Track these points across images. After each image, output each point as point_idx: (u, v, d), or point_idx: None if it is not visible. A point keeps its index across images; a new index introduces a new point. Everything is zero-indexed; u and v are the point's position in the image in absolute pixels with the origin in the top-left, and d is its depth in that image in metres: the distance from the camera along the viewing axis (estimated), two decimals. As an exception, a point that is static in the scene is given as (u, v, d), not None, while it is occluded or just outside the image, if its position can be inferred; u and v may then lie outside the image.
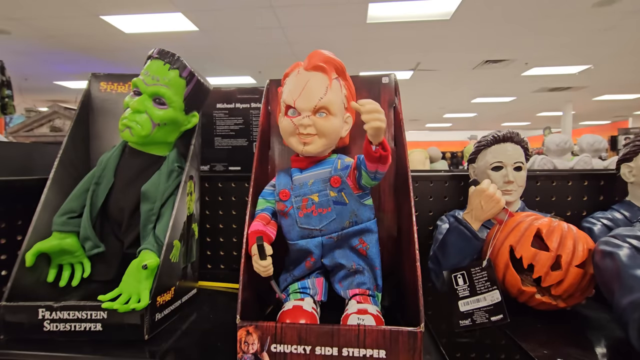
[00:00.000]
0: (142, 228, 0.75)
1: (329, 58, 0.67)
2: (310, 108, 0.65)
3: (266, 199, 0.71)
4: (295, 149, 0.69)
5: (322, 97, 0.65)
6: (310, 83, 0.65)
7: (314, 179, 0.68)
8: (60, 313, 0.64)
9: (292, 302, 0.66)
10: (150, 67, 0.74)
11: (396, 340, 0.55)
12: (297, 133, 0.66)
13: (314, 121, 0.65)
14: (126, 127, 0.72)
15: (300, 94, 0.65)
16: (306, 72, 0.67)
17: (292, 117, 0.67)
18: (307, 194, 0.67)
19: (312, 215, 0.67)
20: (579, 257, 0.69)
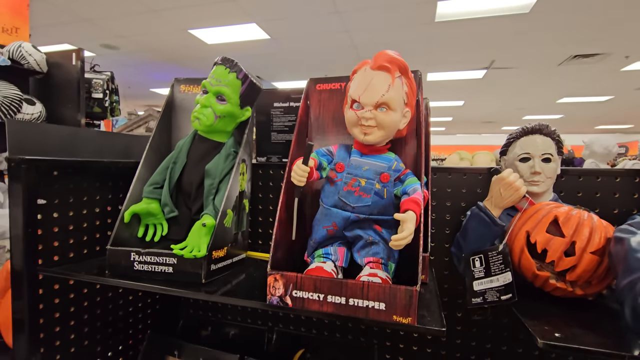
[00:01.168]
0: (205, 199, 0.94)
1: (393, 58, 0.75)
2: (372, 103, 0.74)
3: (318, 155, 0.82)
4: (356, 137, 0.80)
5: (384, 94, 0.74)
6: (374, 81, 0.74)
7: (370, 167, 0.79)
8: (145, 257, 0.85)
9: (315, 264, 0.78)
10: (215, 72, 0.93)
11: (394, 295, 0.64)
12: (359, 124, 0.77)
13: (375, 115, 0.75)
14: (196, 119, 0.92)
15: (365, 90, 0.74)
16: (372, 70, 0.76)
17: (356, 110, 0.77)
18: (357, 176, 0.78)
19: (354, 194, 0.77)
20: (595, 244, 0.70)
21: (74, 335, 1.04)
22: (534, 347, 1.03)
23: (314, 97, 0.95)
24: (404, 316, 0.64)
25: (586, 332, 0.64)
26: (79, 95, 1.67)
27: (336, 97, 0.94)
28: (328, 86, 0.94)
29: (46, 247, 0.94)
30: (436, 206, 1.10)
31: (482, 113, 10.42)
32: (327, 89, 0.94)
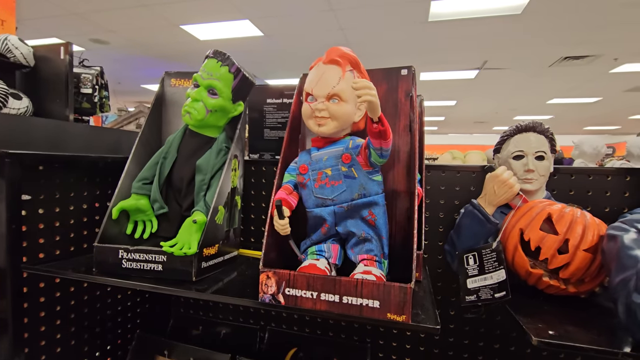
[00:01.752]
0: (196, 195, 0.92)
1: (343, 53, 0.77)
2: (324, 95, 0.76)
3: (290, 173, 0.84)
4: (311, 129, 0.80)
5: (335, 85, 0.75)
6: (326, 74, 0.77)
7: (328, 155, 0.79)
8: (134, 254, 0.83)
9: (309, 261, 0.77)
10: (206, 65, 0.91)
11: (389, 293, 0.63)
12: (313, 116, 0.78)
13: (327, 106, 0.76)
14: (186, 113, 0.90)
15: (317, 83, 0.77)
16: (324, 65, 0.78)
17: (310, 103, 0.78)
18: (321, 168, 0.79)
19: (326, 187, 0.78)
20: (588, 241, 0.70)
21: (60, 334, 1.01)
22: (527, 345, 1.03)
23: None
24: (398, 314, 0.63)
25: (580, 329, 0.64)
26: (67, 90, 1.62)
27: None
28: (322, 81, 0.93)
29: (31, 244, 0.91)
30: (430, 204, 1.09)
31: (474, 113, 10.50)
32: (321, 84, 0.93)
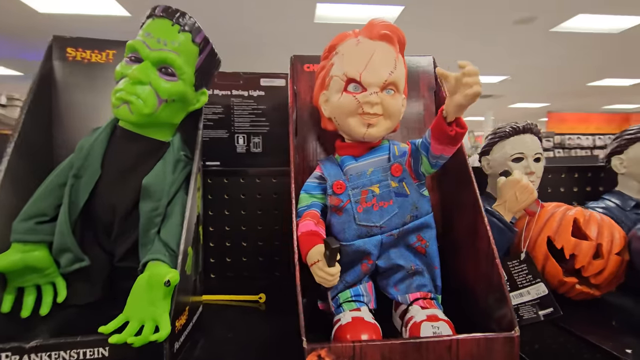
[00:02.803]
0: (143, 232, 0.58)
1: (395, 28, 0.58)
2: (379, 83, 0.56)
3: (310, 193, 0.60)
4: (354, 131, 0.58)
5: (393, 71, 0.56)
6: (378, 54, 0.56)
7: (373, 167, 0.59)
8: (35, 356, 0.45)
9: (348, 314, 0.55)
10: (153, 28, 0.58)
11: (491, 349, 0.48)
12: (360, 112, 0.56)
13: (382, 99, 0.56)
14: (123, 102, 0.55)
15: (367, 66, 0.55)
16: (371, 41, 0.58)
17: (354, 93, 0.56)
18: (366, 185, 0.58)
19: (373, 210, 0.57)
20: (618, 245, 0.70)
21: None
22: None
23: (303, 82, 0.70)
24: (503, 375, 0.48)
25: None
26: None
27: (334, 82, 0.71)
28: (322, 67, 0.71)
29: None
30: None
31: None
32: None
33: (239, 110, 1.10)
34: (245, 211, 0.95)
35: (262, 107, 1.11)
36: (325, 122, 0.63)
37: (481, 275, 0.56)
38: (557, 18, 3.87)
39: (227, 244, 0.95)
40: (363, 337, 0.51)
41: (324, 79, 0.61)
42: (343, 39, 0.60)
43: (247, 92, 1.11)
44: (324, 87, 0.61)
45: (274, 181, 0.96)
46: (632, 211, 0.94)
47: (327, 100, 0.61)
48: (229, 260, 0.95)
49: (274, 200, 0.96)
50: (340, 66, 0.57)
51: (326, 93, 0.61)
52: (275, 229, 0.96)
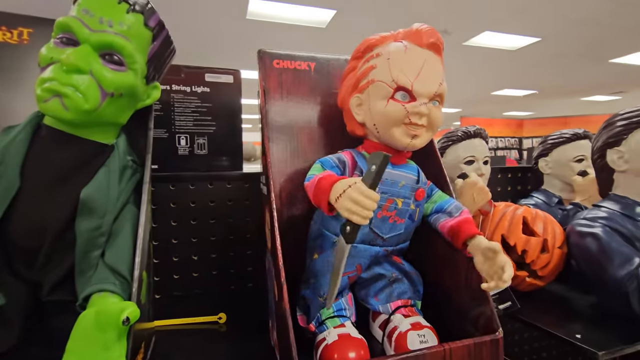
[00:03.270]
0: (81, 257, 0.47)
1: (439, 36, 0.55)
2: (429, 94, 0.53)
3: (325, 167, 0.54)
4: (397, 140, 0.54)
5: (442, 82, 0.54)
6: (429, 63, 0.53)
7: (406, 181, 0.57)
8: None
9: (333, 331, 0.51)
10: (92, 4, 0.47)
11: (480, 352, 0.49)
12: (406, 123, 0.53)
13: (430, 110, 0.53)
14: (54, 95, 0.43)
15: (419, 75, 0.52)
16: (419, 49, 0.54)
17: (404, 102, 0.53)
18: (394, 195, 0.55)
19: (388, 221, 0.56)
20: (559, 239, 0.78)
21: None
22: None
23: (272, 79, 0.64)
24: (491, 375, 0.49)
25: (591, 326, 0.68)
26: None
27: (305, 82, 0.66)
28: (292, 64, 0.65)
29: None
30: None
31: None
32: (291, 68, 0.65)
33: (181, 107, 0.99)
34: (195, 221, 0.85)
35: (208, 105, 1.00)
36: (355, 126, 0.58)
37: (460, 278, 0.57)
38: (468, 33, 4.30)
39: (174, 258, 0.84)
40: (351, 355, 0.48)
41: (359, 80, 0.56)
42: (383, 41, 0.57)
43: (190, 87, 1.00)
44: (356, 90, 0.57)
45: (229, 187, 0.87)
46: (556, 207, 1.06)
47: (362, 105, 0.56)
48: (177, 277, 0.84)
49: (228, 208, 0.88)
50: (387, 71, 0.53)
51: (361, 97, 0.56)
52: (230, 239, 0.88)
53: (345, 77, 0.60)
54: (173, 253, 0.84)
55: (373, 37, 0.57)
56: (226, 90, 1.01)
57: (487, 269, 0.49)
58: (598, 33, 4.15)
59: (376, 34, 0.57)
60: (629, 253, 0.67)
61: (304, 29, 4.41)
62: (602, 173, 0.80)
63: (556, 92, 7.27)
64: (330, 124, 0.67)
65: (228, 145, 0.99)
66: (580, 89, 7.00)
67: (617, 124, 0.77)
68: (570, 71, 5.75)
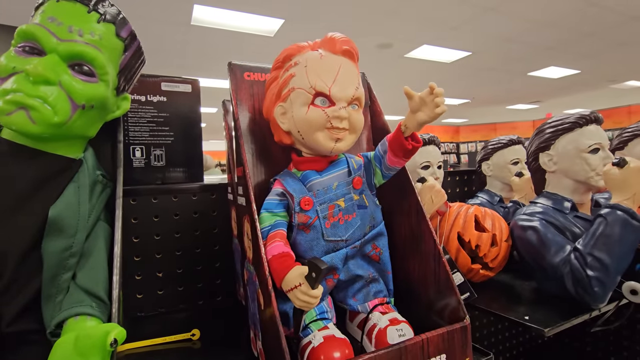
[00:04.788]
0: (48, 281, 0.44)
1: (353, 43, 0.58)
2: (347, 98, 0.55)
3: (273, 212, 0.55)
4: (321, 145, 0.56)
5: (358, 86, 0.56)
6: (344, 69, 0.56)
7: (337, 181, 0.58)
8: None
9: (318, 334, 0.53)
10: (59, 12, 0.44)
11: (452, 339, 0.54)
12: (328, 127, 0.55)
13: (349, 113, 0.55)
14: (19, 107, 0.40)
15: (335, 81, 0.54)
16: (334, 55, 0.57)
17: (323, 107, 0.54)
18: (333, 200, 0.57)
19: (339, 224, 0.57)
20: (505, 233, 0.87)
21: None
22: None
23: (244, 91, 0.64)
24: (462, 359, 0.54)
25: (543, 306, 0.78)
26: None
27: (276, 93, 0.68)
28: (262, 76, 0.67)
29: None
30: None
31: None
32: (262, 80, 0.66)
33: (135, 117, 0.94)
34: (159, 235, 0.82)
35: (164, 115, 0.97)
36: (281, 135, 0.59)
37: (429, 273, 0.62)
38: (409, 46, 4.60)
39: (137, 277, 0.80)
40: (336, 354, 0.50)
41: (281, 89, 0.57)
42: (300, 50, 0.58)
43: (145, 96, 0.96)
44: (280, 99, 0.57)
45: (194, 199, 0.85)
46: (498, 205, 1.18)
47: (286, 113, 0.57)
48: (140, 297, 0.80)
49: (194, 220, 0.85)
50: (305, 79, 0.55)
51: (284, 105, 0.57)
52: (196, 252, 0.86)
53: (268, 87, 0.61)
54: (135, 271, 0.80)
55: (291, 47, 0.59)
56: (184, 99, 0.99)
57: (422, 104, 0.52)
58: (518, 49, 4.67)
59: (294, 44, 0.59)
60: (562, 242, 0.77)
61: (252, 37, 4.39)
62: (537, 174, 0.92)
63: (486, 101, 8.01)
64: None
65: (188, 156, 0.96)
66: (505, 98, 7.78)
67: (546, 131, 0.87)
68: (497, 82, 6.38)
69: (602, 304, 0.73)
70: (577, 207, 0.86)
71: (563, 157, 0.84)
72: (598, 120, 0.84)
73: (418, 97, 0.52)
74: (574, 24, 3.93)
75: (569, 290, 0.74)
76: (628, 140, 1.13)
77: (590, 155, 0.81)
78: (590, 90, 7.14)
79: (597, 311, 0.74)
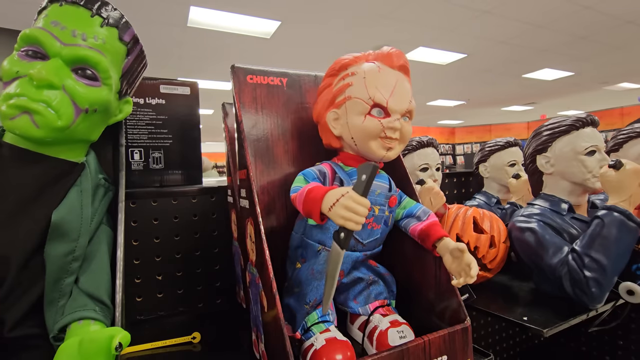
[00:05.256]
0: (51, 285, 0.44)
1: (407, 60, 0.61)
2: (402, 110, 0.58)
3: (307, 179, 0.56)
4: (374, 153, 0.58)
5: (411, 100, 0.59)
6: (400, 83, 0.58)
7: (380, 190, 0.61)
8: None
9: (320, 337, 0.54)
10: (63, 16, 0.44)
11: (453, 340, 0.54)
12: (384, 136, 0.57)
13: (402, 125, 0.58)
14: (23, 112, 0.40)
15: (392, 94, 0.57)
16: (392, 70, 0.59)
17: (379, 118, 0.57)
18: (372, 204, 0.58)
19: (366, 228, 0.60)
20: (503, 235, 0.88)
21: None
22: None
23: (247, 94, 0.65)
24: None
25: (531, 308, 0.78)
26: None
27: (278, 97, 0.68)
28: (265, 79, 0.67)
29: None
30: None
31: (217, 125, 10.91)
32: (264, 83, 0.67)
33: (134, 120, 0.94)
34: (158, 238, 0.82)
35: (163, 117, 0.97)
36: (331, 139, 0.62)
37: (429, 275, 0.63)
38: (405, 48, 4.62)
39: (136, 280, 0.80)
40: (339, 357, 0.51)
41: (335, 97, 0.60)
42: (357, 61, 0.61)
43: (144, 99, 0.96)
44: (333, 105, 0.60)
45: (194, 201, 0.85)
46: (496, 206, 1.19)
47: (339, 119, 0.60)
48: (140, 300, 0.80)
49: (193, 223, 0.85)
50: (364, 89, 0.57)
51: (338, 112, 0.60)
52: (196, 255, 0.86)
53: (320, 93, 0.63)
54: (135, 274, 0.80)
55: (347, 57, 0.62)
56: (183, 102, 0.99)
57: (455, 267, 0.55)
58: (513, 51, 4.71)
59: (349, 54, 0.62)
60: (560, 243, 0.78)
61: (248, 38, 4.39)
62: (534, 176, 0.93)
63: (481, 103, 8.06)
64: (303, 136, 0.69)
65: (186, 159, 0.97)
66: (500, 99, 7.84)
67: (543, 134, 0.88)
68: (492, 84, 6.42)
69: (600, 304, 0.74)
70: (574, 209, 0.87)
71: (560, 159, 0.85)
72: (594, 123, 0.85)
73: (460, 260, 0.54)
74: (568, 26, 3.97)
75: (566, 290, 0.75)
76: (623, 142, 1.15)
77: (587, 157, 0.82)
78: (584, 91, 7.22)
79: (594, 311, 0.75)
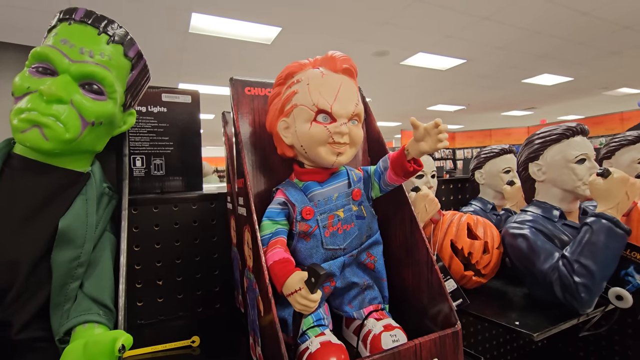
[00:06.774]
0: (57, 289, 0.46)
1: (352, 61, 0.62)
2: (347, 114, 0.58)
3: (274, 220, 0.58)
4: (324, 159, 0.59)
5: (357, 103, 0.60)
6: (344, 87, 0.59)
7: (338, 192, 0.61)
8: None
9: (315, 340, 0.56)
10: (71, 35, 0.47)
11: (444, 344, 0.56)
12: (330, 142, 0.58)
13: (350, 129, 0.59)
14: (33, 125, 0.43)
15: (336, 98, 0.57)
16: (335, 74, 0.60)
17: (325, 124, 0.57)
18: (333, 210, 0.60)
19: (338, 234, 0.60)
20: (497, 240, 0.90)
21: None
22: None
23: (245, 105, 0.67)
24: (454, 363, 0.56)
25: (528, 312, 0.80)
26: None
27: (275, 107, 0.70)
28: (262, 91, 0.69)
29: None
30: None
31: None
32: (262, 95, 0.69)
33: (136, 127, 0.97)
34: (159, 244, 0.84)
35: (164, 125, 1.00)
36: (284, 148, 0.62)
37: (422, 280, 0.65)
38: (405, 54, 4.66)
39: (137, 284, 0.82)
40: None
41: (284, 105, 0.60)
42: (302, 67, 0.61)
43: (146, 107, 0.98)
44: (283, 114, 0.60)
45: (194, 208, 0.88)
46: (491, 212, 1.21)
47: (289, 128, 0.60)
48: (141, 304, 0.82)
49: (193, 229, 0.87)
50: (308, 96, 0.58)
51: (287, 120, 0.60)
52: (195, 261, 0.88)
53: (270, 102, 0.64)
54: (136, 279, 0.82)
55: (293, 65, 0.63)
56: (184, 110, 1.02)
57: (430, 143, 0.56)
58: (512, 57, 4.75)
59: (295, 62, 0.63)
60: (551, 249, 0.80)
61: (249, 44, 4.43)
62: (527, 183, 0.95)
63: (481, 108, 8.09)
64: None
65: (187, 165, 0.99)
66: (500, 104, 7.87)
67: (535, 142, 0.91)
68: (491, 89, 6.46)
69: (589, 309, 0.76)
70: (565, 215, 0.89)
71: (551, 167, 0.87)
72: (584, 132, 0.88)
73: (423, 129, 0.56)
74: (567, 32, 4.01)
75: (557, 295, 0.77)
76: (615, 149, 1.17)
77: (577, 165, 0.85)
78: (584, 97, 7.25)
79: (585, 316, 0.77)
